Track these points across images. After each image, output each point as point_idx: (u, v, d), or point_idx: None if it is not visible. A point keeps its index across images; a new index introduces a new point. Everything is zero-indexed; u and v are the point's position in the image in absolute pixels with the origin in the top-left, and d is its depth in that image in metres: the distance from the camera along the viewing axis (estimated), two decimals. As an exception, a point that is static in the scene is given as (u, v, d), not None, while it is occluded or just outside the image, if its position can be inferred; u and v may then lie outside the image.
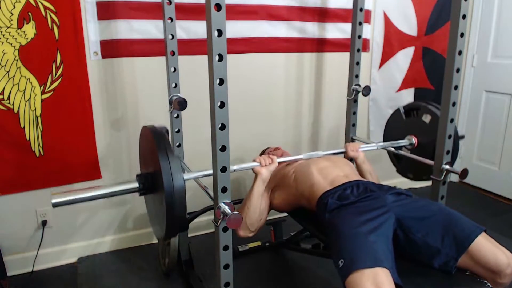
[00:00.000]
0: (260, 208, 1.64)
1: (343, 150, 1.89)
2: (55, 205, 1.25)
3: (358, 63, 2.19)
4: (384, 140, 2.13)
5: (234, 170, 1.42)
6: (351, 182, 1.56)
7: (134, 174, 2.18)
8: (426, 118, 1.88)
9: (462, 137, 1.81)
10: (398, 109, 2.08)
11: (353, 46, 2.17)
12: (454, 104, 1.61)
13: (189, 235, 2.10)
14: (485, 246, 1.25)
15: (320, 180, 1.61)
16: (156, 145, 1.26)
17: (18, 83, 1.84)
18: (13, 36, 1.78)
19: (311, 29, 2.42)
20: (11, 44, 1.78)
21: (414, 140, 1.94)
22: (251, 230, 1.64)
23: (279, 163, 1.65)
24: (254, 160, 1.62)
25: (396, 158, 2.14)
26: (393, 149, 2.00)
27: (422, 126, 1.91)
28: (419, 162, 1.86)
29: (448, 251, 1.27)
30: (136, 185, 1.38)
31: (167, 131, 1.36)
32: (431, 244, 1.30)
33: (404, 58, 2.76)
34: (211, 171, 1.19)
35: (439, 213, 1.37)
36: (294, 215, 1.78)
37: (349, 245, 1.22)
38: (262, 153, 2.12)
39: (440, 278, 1.28)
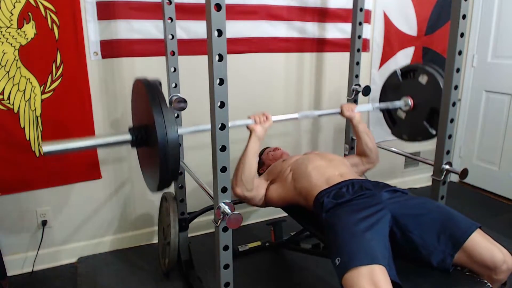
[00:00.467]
0: (255, 167, 1.63)
1: (338, 110, 1.90)
2: (46, 153, 1.22)
3: (358, 63, 2.19)
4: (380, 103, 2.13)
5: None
6: (346, 181, 1.57)
7: (134, 174, 2.20)
8: (423, 79, 1.86)
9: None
10: (395, 71, 2.06)
11: (353, 46, 2.17)
12: (454, 104, 1.61)
13: (189, 235, 2.10)
14: (480, 242, 1.25)
15: (317, 177, 1.62)
16: (150, 97, 1.25)
17: (18, 83, 1.84)
18: (13, 36, 1.78)
19: (311, 29, 2.42)
20: (11, 44, 1.78)
21: (410, 101, 1.93)
22: (247, 188, 1.63)
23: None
24: (248, 117, 1.63)
25: (391, 121, 2.13)
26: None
27: (418, 87, 1.89)
28: (413, 123, 1.86)
29: (444, 248, 1.27)
30: (128, 137, 1.36)
31: (160, 83, 1.35)
32: (427, 242, 1.30)
33: (404, 58, 2.76)
34: (206, 126, 1.18)
35: (435, 210, 1.37)
36: (293, 215, 1.77)
37: (345, 243, 1.23)
38: (261, 153, 2.12)
39: (439, 277, 1.28)
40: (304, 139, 2.63)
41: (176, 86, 1.84)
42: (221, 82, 1.10)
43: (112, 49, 1.99)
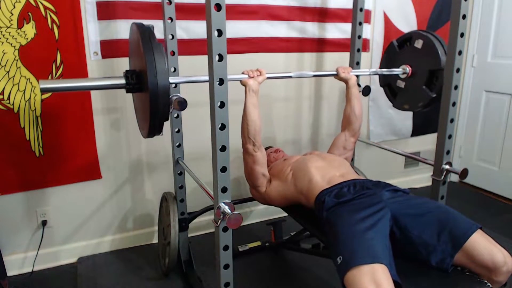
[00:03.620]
0: (259, 121, 1.63)
1: (334, 72, 1.91)
2: (43, 90, 1.24)
3: (358, 63, 2.19)
4: (379, 75, 2.15)
5: None
6: (347, 181, 1.57)
7: (135, 174, 2.21)
8: (418, 44, 1.87)
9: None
10: (391, 43, 2.07)
11: (353, 46, 2.17)
12: (454, 104, 1.61)
13: (189, 235, 2.10)
14: (481, 243, 1.25)
15: (318, 177, 1.62)
16: (142, 42, 1.24)
17: (18, 83, 1.84)
18: (13, 36, 1.78)
19: (311, 29, 2.42)
20: (11, 44, 1.78)
21: (408, 69, 1.95)
22: (256, 143, 1.63)
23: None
24: (242, 73, 1.64)
25: (391, 93, 2.14)
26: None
27: (415, 53, 1.91)
28: (413, 90, 1.88)
29: (444, 248, 1.27)
30: (123, 81, 1.36)
31: (153, 27, 1.36)
32: (427, 241, 1.30)
33: (404, 58, 2.76)
34: (205, 77, 1.19)
35: (435, 210, 1.37)
36: (293, 215, 1.77)
37: (347, 242, 1.23)
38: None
39: (439, 277, 1.28)
40: (305, 140, 2.63)
41: (176, 86, 1.84)
42: (221, 82, 1.10)
43: (112, 49, 1.98)
